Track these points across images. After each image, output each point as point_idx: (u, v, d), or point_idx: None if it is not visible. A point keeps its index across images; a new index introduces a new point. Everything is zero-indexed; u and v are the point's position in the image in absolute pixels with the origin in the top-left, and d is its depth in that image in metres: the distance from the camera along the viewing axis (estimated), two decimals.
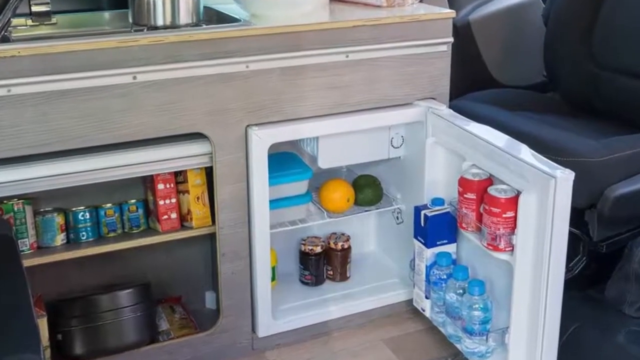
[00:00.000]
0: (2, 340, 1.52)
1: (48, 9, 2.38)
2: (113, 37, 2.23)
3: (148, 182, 2.51)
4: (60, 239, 2.42)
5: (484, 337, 2.36)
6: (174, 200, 2.49)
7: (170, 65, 2.25)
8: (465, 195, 2.34)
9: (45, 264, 2.35)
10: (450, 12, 2.59)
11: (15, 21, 2.40)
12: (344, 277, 2.88)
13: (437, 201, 2.52)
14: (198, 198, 2.49)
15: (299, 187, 2.69)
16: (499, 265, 2.33)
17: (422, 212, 2.51)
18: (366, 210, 2.80)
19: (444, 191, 2.56)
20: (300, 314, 2.68)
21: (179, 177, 2.51)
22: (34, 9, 2.37)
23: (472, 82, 3.24)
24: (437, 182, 2.59)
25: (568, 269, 2.59)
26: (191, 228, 2.51)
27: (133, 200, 2.52)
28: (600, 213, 2.53)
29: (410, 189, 2.71)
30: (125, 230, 2.52)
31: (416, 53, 2.57)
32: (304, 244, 2.85)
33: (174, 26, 2.48)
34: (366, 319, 2.75)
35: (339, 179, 2.80)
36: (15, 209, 2.34)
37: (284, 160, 2.71)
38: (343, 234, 2.92)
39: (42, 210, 2.44)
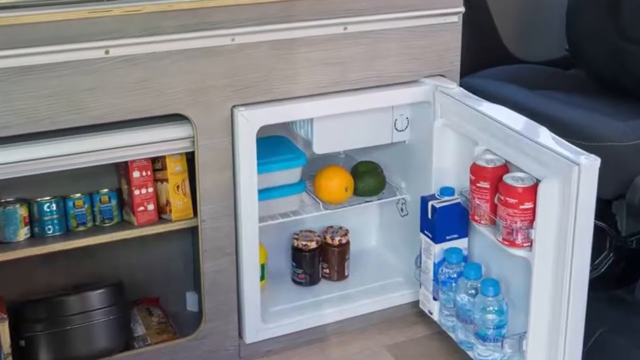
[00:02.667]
0: None
1: None
2: (83, 6, 2.22)
3: (122, 169, 2.51)
4: (23, 233, 2.41)
5: (499, 344, 2.36)
6: (150, 190, 2.49)
7: (147, 39, 2.25)
8: (477, 184, 2.34)
9: (6, 261, 2.35)
10: None
11: None
12: (341, 276, 2.89)
13: (447, 191, 2.53)
14: (178, 187, 2.49)
15: (292, 175, 2.69)
16: (515, 262, 2.33)
17: (430, 203, 2.51)
18: (367, 201, 2.81)
19: (454, 179, 2.57)
20: (292, 317, 2.68)
21: (156, 164, 2.50)
22: None
23: (486, 58, 3.25)
24: (446, 169, 2.59)
25: (593, 267, 2.61)
26: (170, 221, 2.51)
27: (105, 190, 2.52)
28: (630, 204, 2.54)
29: (416, 177, 2.72)
30: (96, 223, 2.51)
31: (423, 25, 2.57)
32: (297, 239, 2.85)
33: None
34: (367, 322, 2.76)
35: (336, 166, 2.80)
36: None
37: (274, 145, 2.71)
38: (341, 228, 2.92)
39: (2, 201, 2.43)
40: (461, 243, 2.54)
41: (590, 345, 2.45)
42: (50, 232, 2.44)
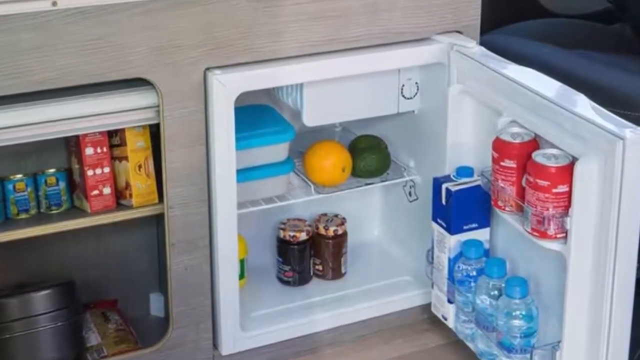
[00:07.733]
0: None
1: None
2: None
3: (72, 145, 2.51)
4: None
5: (527, 355, 2.38)
6: (107, 170, 2.49)
7: None
8: (502, 163, 2.35)
9: None
10: None
11: None
12: (337, 274, 2.91)
13: (464, 171, 2.54)
14: (140, 167, 2.50)
15: (277, 151, 2.70)
16: (547, 257, 2.35)
17: (444, 186, 2.52)
18: (368, 184, 2.82)
19: (473, 158, 2.58)
20: (278, 323, 2.70)
21: (114, 139, 2.51)
22: None
23: (512, 10, 3.25)
24: (463, 145, 2.61)
25: None
26: (131, 207, 2.51)
27: (52, 170, 2.52)
28: None
29: (428, 154, 2.73)
30: (42, 210, 2.52)
31: None
32: (284, 229, 2.86)
33: None
34: (367, 330, 2.77)
35: (331, 142, 2.82)
36: None
37: (256, 115, 2.72)
38: (336, 216, 2.93)
39: None
40: (481, 234, 2.56)
41: (638, 358, 2.46)
42: None
